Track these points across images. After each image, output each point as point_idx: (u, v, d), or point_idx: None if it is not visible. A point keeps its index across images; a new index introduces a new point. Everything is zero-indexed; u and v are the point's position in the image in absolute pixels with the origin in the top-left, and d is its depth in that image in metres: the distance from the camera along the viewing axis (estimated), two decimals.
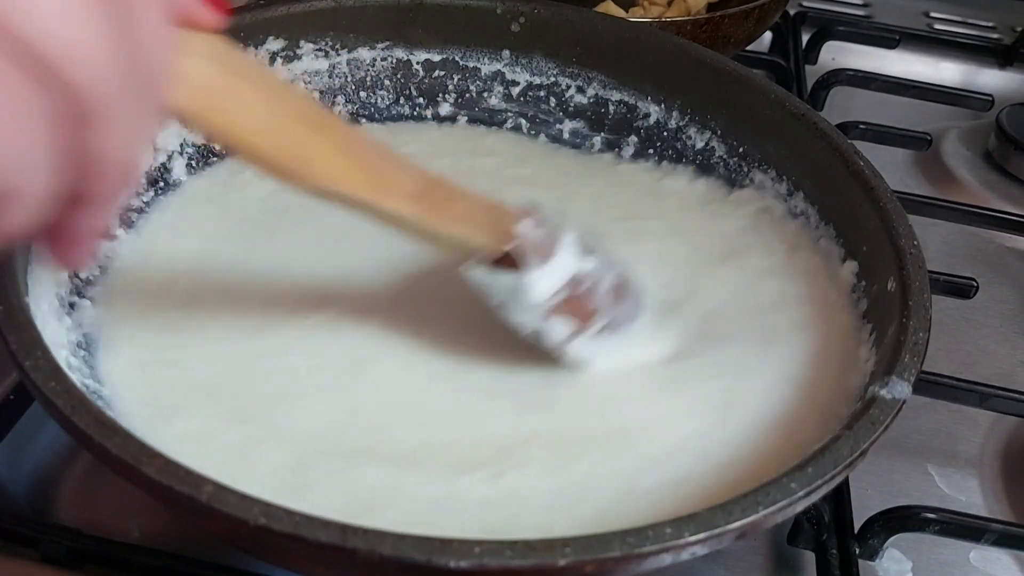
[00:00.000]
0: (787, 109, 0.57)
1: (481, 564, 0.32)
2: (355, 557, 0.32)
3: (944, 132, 0.85)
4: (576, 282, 0.45)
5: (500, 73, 0.65)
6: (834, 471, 0.37)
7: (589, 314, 0.46)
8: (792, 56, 0.91)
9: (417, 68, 0.65)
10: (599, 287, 0.46)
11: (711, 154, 0.61)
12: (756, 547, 0.51)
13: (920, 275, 0.46)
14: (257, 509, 0.33)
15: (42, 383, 0.37)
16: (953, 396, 0.56)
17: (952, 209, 0.71)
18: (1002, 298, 0.70)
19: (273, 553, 0.36)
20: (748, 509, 0.35)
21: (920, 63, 0.94)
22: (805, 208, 0.56)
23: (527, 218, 0.44)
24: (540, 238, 0.44)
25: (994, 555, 0.52)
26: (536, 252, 0.43)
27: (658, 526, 0.33)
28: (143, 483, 0.34)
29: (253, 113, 0.38)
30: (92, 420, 0.35)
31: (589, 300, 0.46)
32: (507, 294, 0.44)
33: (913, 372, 0.41)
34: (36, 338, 0.38)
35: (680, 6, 0.84)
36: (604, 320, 0.46)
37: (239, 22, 0.59)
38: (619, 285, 0.47)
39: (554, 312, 0.44)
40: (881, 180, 0.51)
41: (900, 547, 0.51)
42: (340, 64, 0.64)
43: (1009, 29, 1.01)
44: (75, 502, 0.49)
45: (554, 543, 0.33)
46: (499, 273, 0.44)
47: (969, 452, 0.58)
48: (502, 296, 0.45)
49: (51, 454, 0.50)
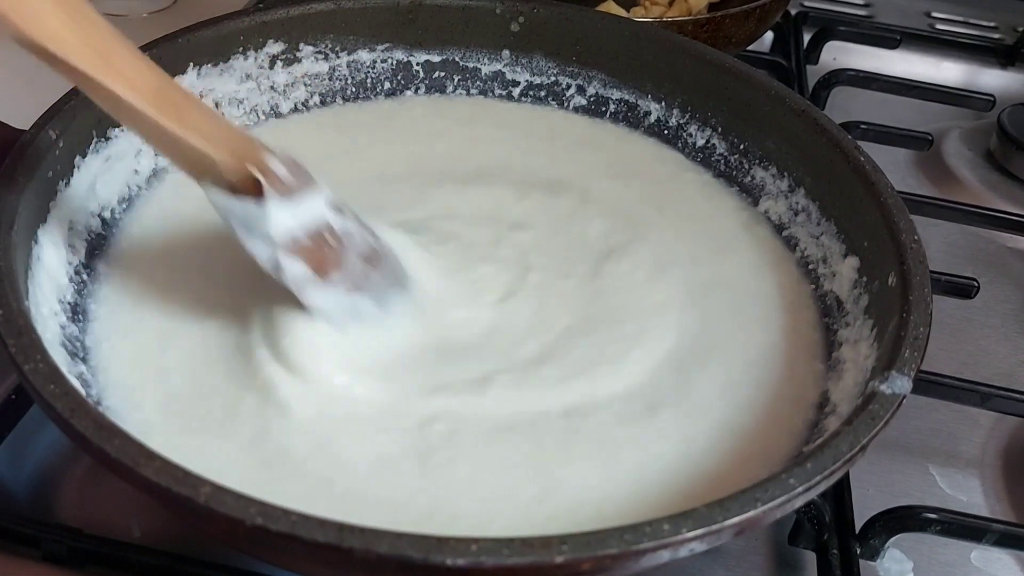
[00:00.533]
0: (788, 105, 0.57)
1: (478, 562, 0.32)
2: (352, 556, 0.32)
3: (945, 132, 0.85)
4: (321, 234, 0.45)
5: (500, 73, 0.65)
6: (833, 467, 0.37)
7: (331, 267, 0.45)
8: (793, 56, 0.91)
9: (417, 69, 0.65)
10: (348, 249, 0.46)
11: (712, 151, 0.61)
12: (757, 547, 0.51)
13: (921, 270, 0.46)
14: (254, 509, 0.33)
15: (41, 386, 0.37)
16: (954, 396, 0.56)
17: (953, 209, 0.71)
18: (1003, 298, 0.70)
19: (271, 553, 0.36)
20: (747, 505, 0.35)
21: (921, 63, 0.94)
22: (806, 204, 0.56)
23: (277, 156, 0.44)
24: (288, 174, 0.43)
25: (995, 555, 0.52)
26: (282, 185, 0.43)
27: (656, 522, 0.33)
28: (141, 484, 0.34)
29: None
30: (91, 423, 0.35)
31: (334, 256, 0.45)
32: (244, 222, 0.43)
33: (913, 367, 0.41)
34: (35, 341, 0.38)
35: (681, 6, 0.84)
36: (349, 281, 0.46)
37: (238, 26, 0.59)
38: (372, 255, 0.47)
39: (293, 252, 0.44)
40: (882, 175, 0.51)
41: (901, 547, 0.51)
42: (340, 66, 0.64)
43: (1011, 29, 1.01)
44: (76, 501, 0.49)
45: (551, 540, 0.32)
46: (238, 199, 0.43)
47: (970, 452, 0.58)
48: (238, 223, 0.43)
49: (52, 454, 0.51)
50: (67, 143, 0.49)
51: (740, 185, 0.60)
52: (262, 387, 0.45)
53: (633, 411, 0.46)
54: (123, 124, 0.43)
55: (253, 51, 0.60)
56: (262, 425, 0.44)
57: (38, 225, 0.47)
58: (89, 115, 0.50)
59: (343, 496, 0.41)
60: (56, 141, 0.48)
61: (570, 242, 0.55)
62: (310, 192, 0.44)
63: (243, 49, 0.60)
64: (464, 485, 0.42)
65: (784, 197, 0.58)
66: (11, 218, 0.43)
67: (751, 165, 0.60)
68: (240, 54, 0.60)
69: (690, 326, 0.51)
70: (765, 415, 0.47)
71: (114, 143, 0.53)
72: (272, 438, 0.43)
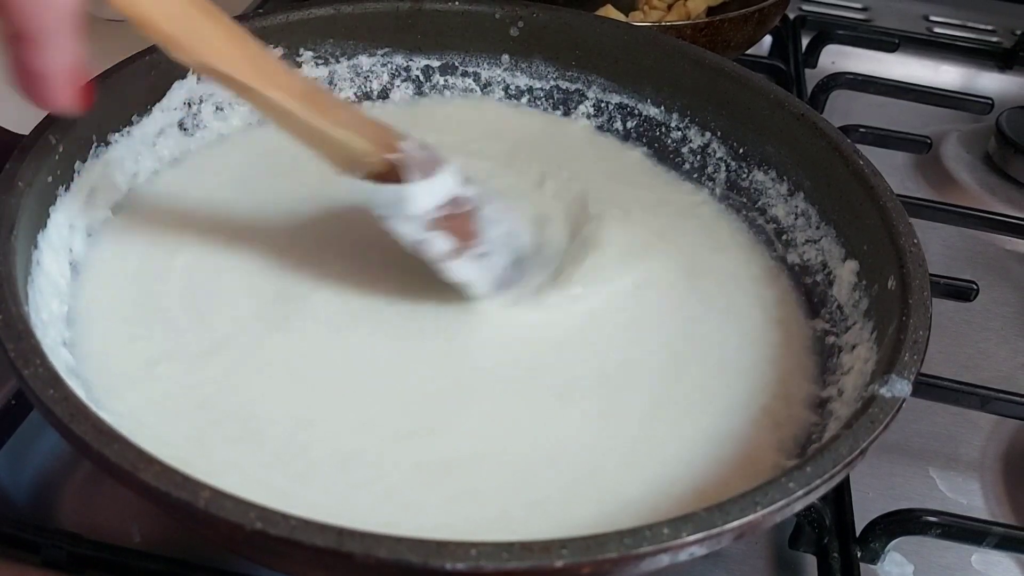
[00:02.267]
0: (787, 109, 0.57)
1: (478, 566, 0.32)
2: (351, 560, 0.32)
3: (944, 135, 0.85)
4: (457, 203, 0.48)
5: (500, 77, 0.65)
6: (833, 470, 0.37)
7: (469, 235, 0.49)
8: (792, 60, 0.91)
9: (417, 74, 0.66)
10: (479, 213, 0.49)
11: (711, 155, 0.61)
12: (757, 550, 0.51)
13: (920, 273, 0.46)
14: (253, 514, 0.33)
15: (40, 391, 0.37)
16: (954, 399, 0.56)
17: (952, 212, 0.71)
18: (1003, 301, 0.70)
19: (270, 557, 0.36)
20: (746, 509, 0.35)
21: (920, 66, 0.94)
22: (806, 208, 0.56)
23: (409, 140, 0.47)
24: (422, 156, 0.47)
25: (995, 558, 0.52)
26: (418, 167, 0.46)
27: (655, 526, 0.33)
28: (141, 489, 0.34)
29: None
30: (90, 427, 0.35)
31: (469, 222, 0.49)
32: (389, 205, 0.47)
33: (913, 370, 0.41)
34: (35, 346, 0.39)
35: (680, 10, 0.85)
36: (484, 245, 0.49)
37: None
38: (503, 221, 0.51)
39: (435, 226, 0.47)
40: (881, 179, 0.51)
41: (902, 550, 0.51)
42: (340, 71, 0.64)
43: (1009, 32, 1.01)
44: (76, 507, 0.49)
45: (551, 544, 0.32)
46: (381, 186, 0.46)
47: (970, 455, 0.58)
48: (384, 208, 0.47)
49: (52, 459, 0.50)
50: (67, 148, 0.49)
51: (739, 190, 0.60)
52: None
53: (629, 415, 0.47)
54: (277, 125, 0.47)
55: None
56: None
57: (38, 230, 0.47)
58: (89, 120, 0.50)
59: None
60: (56, 146, 0.48)
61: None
62: (442, 170, 0.48)
63: None
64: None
65: (784, 201, 0.58)
66: (11, 223, 0.43)
67: (751, 169, 0.60)
68: None
69: (685, 330, 0.51)
70: (763, 419, 0.47)
71: (114, 148, 0.53)
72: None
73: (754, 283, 0.55)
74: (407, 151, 0.47)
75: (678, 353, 0.50)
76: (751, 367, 0.50)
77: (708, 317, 0.52)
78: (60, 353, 0.44)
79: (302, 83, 0.47)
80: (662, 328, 0.51)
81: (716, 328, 0.52)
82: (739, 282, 0.55)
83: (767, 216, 0.59)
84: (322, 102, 0.47)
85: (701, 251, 0.57)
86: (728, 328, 0.52)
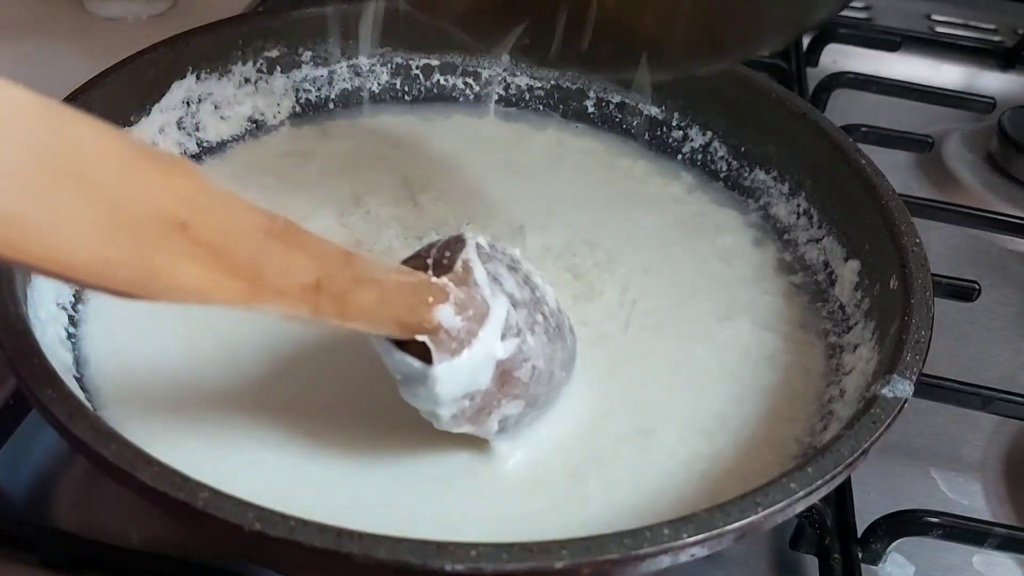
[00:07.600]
0: (788, 108, 0.57)
1: (477, 568, 0.32)
2: (350, 561, 0.32)
3: (946, 135, 0.84)
4: (499, 374, 0.40)
5: (500, 76, 0.65)
6: (834, 471, 0.36)
7: (506, 401, 0.41)
8: (793, 59, 0.91)
9: (416, 73, 0.65)
10: (529, 378, 0.41)
11: (713, 155, 0.61)
12: (758, 551, 0.50)
13: (922, 273, 0.46)
14: (252, 515, 0.33)
15: (38, 390, 0.37)
16: (956, 399, 0.56)
17: (954, 212, 0.71)
18: (1005, 301, 0.69)
19: (269, 558, 0.36)
20: (747, 510, 0.34)
21: (922, 66, 0.94)
22: (807, 208, 0.56)
23: (447, 303, 0.38)
24: (458, 327, 0.38)
25: (997, 559, 0.52)
26: (449, 344, 0.38)
27: (656, 527, 0.33)
28: (139, 489, 0.34)
29: (74, 219, 0.26)
30: (88, 427, 0.35)
31: (511, 390, 0.40)
32: (409, 378, 0.39)
33: (915, 371, 0.41)
34: (33, 345, 0.38)
35: None
36: (525, 403, 0.41)
37: (238, 30, 0.59)
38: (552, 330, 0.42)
39: (460, 410, 0.40)
40: (883, 178, 0.51)
41: (903, 551, 0.50)
42: (340, 71, 0.64)
43: (1011, 32, 1.01)
44: (74, 506, 0.48)
45: (551, 546, 0.32)
46: (405, 355, 0.38)
47: (972, 456, 0.58)
48: (403, 376, 0.39)
49: (50, 458, 0.50)
50: None
51: (741, 189, 0.60)
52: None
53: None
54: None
55: (252, 56, 0.60)
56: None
57: None
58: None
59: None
60: None
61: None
62: (486, 327, 0.39)
63: (242, 54, 0.60)
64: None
65: (785, 200, 0.58)
66: None
67: (752, 169, 0.59)
68: (239, 59, 0.60)
69: (684, 331, 0.51)
70: (763, 420, 0.47)
71: None
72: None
73: (754, 283, 0.55)
74: (442, 322, 0.38)
75: (676, 357, 0.50)
76: (751, 368, 0.50)
77: (708, 318, 0.52)
78: (59, 352, 0.44)
79: (313, 271, 0.35)
80: (662, 331, 0.51)
81: (716, 329, 0.52)
82: (739, 282, 0.55)
83: (768, 215, 0.58)
84: (341, 284, 0.36)
85: (701, 251, 0.57)
86: (728, 330, 0.52)
